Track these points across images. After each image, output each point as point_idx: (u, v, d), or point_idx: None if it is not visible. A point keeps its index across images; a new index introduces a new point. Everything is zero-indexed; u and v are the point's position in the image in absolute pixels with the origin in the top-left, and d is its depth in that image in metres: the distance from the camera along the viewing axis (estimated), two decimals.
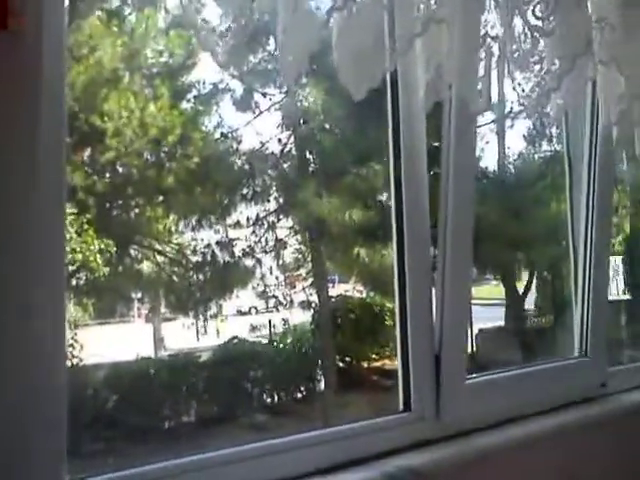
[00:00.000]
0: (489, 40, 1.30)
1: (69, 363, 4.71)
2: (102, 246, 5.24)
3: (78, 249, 5.02)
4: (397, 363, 1.41)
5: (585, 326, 1.75)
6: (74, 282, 5.32)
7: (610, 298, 1.99)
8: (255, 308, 6.62)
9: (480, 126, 1.49)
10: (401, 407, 1.36)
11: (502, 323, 6.25)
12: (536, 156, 6.21)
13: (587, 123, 1.77)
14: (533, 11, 1.32)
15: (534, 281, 6.41)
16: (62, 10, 0.97)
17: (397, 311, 1.41)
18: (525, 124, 5.75)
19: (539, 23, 1.31)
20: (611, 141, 1.71)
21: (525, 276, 6.40)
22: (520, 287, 6.29)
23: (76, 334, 4.99)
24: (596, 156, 1.77)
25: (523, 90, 1.36)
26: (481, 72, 1.33)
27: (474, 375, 1.42)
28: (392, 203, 1.44)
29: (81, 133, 5.17)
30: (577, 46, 1.24)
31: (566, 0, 1.27)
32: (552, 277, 6.18)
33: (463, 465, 1.28)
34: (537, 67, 1.36)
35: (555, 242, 5.59)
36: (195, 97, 5.83)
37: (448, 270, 1.40)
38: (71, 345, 4.86)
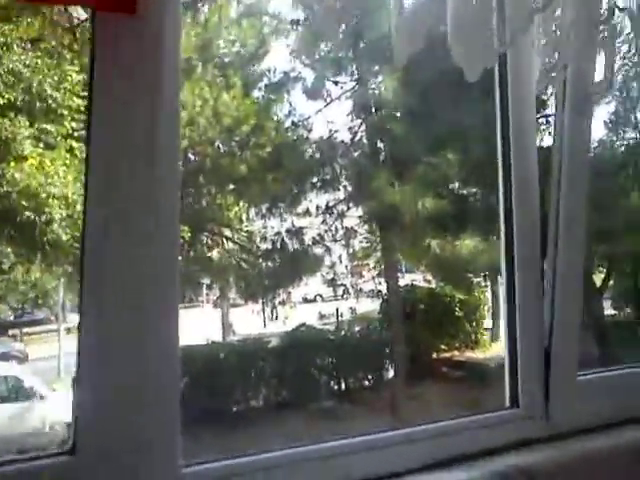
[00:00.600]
0: (612, 14, 1.22)
1: None
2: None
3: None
4: (504, 356, 1.36)
5: None
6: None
7: None
8: (321, 296, 6.65)
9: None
10: (507, 403, 1.31)
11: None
12: (618, 143, 5.96)
13: None
14: None
15: (613, 274, 6.18)
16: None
17: (504, 303, 1.35)
18: (607, 109, 5.50)
19: None
20: None
21: (602, 269, 6.17)
22: (598, 280, 6.07)
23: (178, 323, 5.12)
24: None
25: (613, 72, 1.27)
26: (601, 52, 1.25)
27: (586, 372, 1.35)
28: (500, 190, 1.37)
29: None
30: None
31: None
32: (633, 270, 5.94)
33: (574, 466, 1.22)
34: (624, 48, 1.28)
35: (637, 234, 5.37)
36: (266, 86, 5.87)
37: (560, 261, 1.33)
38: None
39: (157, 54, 0.93)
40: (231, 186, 5.99)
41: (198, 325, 6.12)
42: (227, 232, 6.15)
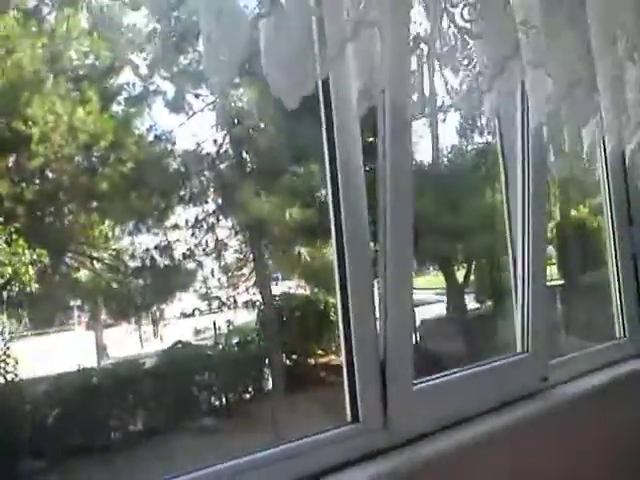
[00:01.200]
0: (419, 42, 1.30)
1: (1, 379, 4.55)
2: (34, 256, 5.06)
3: (8, 261, 4.83)
4: (342, 369, 1.39)
5: (526, 322, 1.78)
6: (5, 295, 5.13)
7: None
8: (199, 310, 6.53)
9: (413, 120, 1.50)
10: (349, 418, 1.34)
11: (443, 313, 6.36)
12: (469, 148, 6.34)
13: (518, 118, 1.80)
14: (461, 14, 1.33)
15: (472, 270, 6.55)
16: None
17: (340, 315, 1.39)
18: (457, 117, 5.86)
19: (467, 25, 1.31)
20: (542, 135, 1.74)
21: (464, 266, 6.53)
22: (459, 277, 6.41)
23: (8, 348, 4.81)
24: (529, 149, 1.81)
25: (456, 91, 1.36)
26: (413, 74, 1.32)
27: (421, 380, 1.41)
28: (330, 201, 1.42)
29: (3, 139, 4.97)
30: (506, 49, 1.25)
31: (492, 3, 1.28)
32: (490, 266, 6.32)
33: (415, 473, 1.28)
34: (466, 65, 1.37)
35: (492, 231, 5.74)
36: (126, 99, 5.69)
37: (390, 272, 1.39)
38: (2, 360, 4.68)
39: None
40: (94, 204, 5.74)
41: (71, 350, 5.82)
42: (93, 252, 5.89)
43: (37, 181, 5.34)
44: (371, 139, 1.52)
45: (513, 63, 1.28)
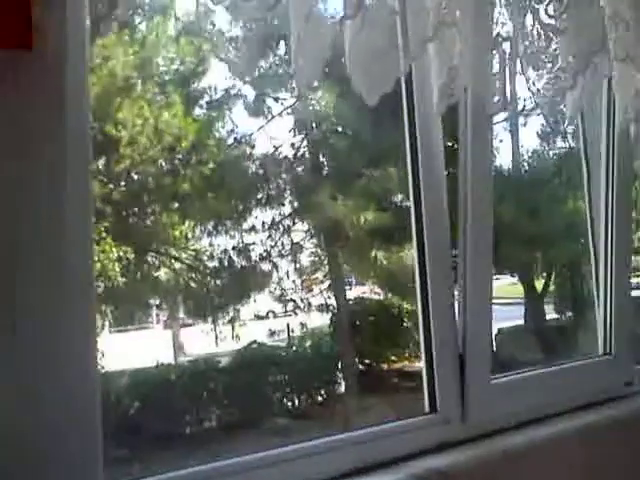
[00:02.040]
0: (501, 40, 1.30)
1: None
2: (120, 254, 5.29)
3: (96, 258, 5.06)
4: (421, 364, 1.41)
5: (608, 324, 1.74)
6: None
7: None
8: (273, 312, 6.64)
9: (493, 124, 1.49)
10: (427, 409, 1.36)
11: (521, 322, 6.21)
12: (551, 153, 6.18)
13: (604, 120, 1.76)
14: (546, 10, 1.32)
15: (552, 279, 6.37)
16: (84, 28, 0.99)
17: (419, 313, 1.42)
18: (539, 121, 5.72)
19: (552, 22, 1.30)
20: (629, 137, 1.69)
21: (543, 275, 6.35)
22: (538, 286, 6.24)
23: (96, 342, 5.03)
24: (614, 153, 1.76)
25: (538, 90, 1.35)
26: (495, 72, 1.33)
27: (498, 375, 1.41)
28: (411, 205, 1.44)
29: (96, 142, 5.22)
30: (592, 43, 1.23)
31: None
32: (571, 275, 6.13)
33: (489, 466, 1.28)
34: (549, 65, 1.36)
35: (573, 239, 5.56)
36: (207, 103, 5.87)
37: (469, 270, 1.40)
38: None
39: (58, 86, 0.95)
40: (175, 205, 5.94)
41: (149, 347, 6.04)
42: (173, 251, 6.08)
43: (123, 182, 5.58)
44: (450, 144, 1.54)
45: (599, 58, 1.27)
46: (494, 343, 5.29)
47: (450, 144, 1.52)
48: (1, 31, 0.84)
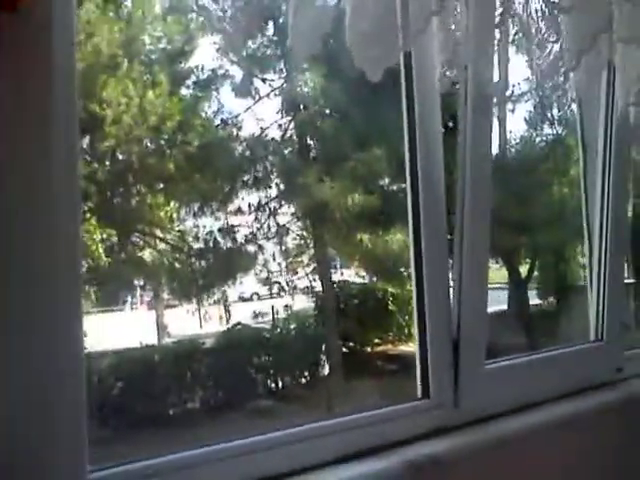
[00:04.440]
0: (507, 17, 1.27)
1: None
2: (104, 235, 5.23)
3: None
4: (415, 348, 1.39)
5: (600, 310, 1.73)
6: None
7: None
8: (257, 294, 6.62)
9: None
10: (419, 394, 1.35)
11: (505, 307, 6.24)
12: (537, 139, 6.18)
13: (602, 106, 1.74)
14: None
15: (537, 265, 6.40)
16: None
17: (414, 296, 1.39)
18: (526, 107, 5.71)
19: (557, 0, 1.28)
20: (628, 125, 1.68)
21: (527, 260, 6.39)
22: (523, 271, 6.28)
23: (82, 323, 5.00)
24: (612, 140, 1.74)
25: (540, 69, 1.33)
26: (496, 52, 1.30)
27: (491, 361, 1.40)
28: (407, 187, 1.41)
29: (80, 121, 5.13)
30: (597, 23, 1.21)
31: None
32: (555, 261, 6.17)
33: (483, 452, 1.27)
34: (554, 46, 1.33)
35: (558, 225, 5.59)
36: (194, 83, 5.79)
37: (466, 254, 1.38)
38: None
39: (45, 53, 0.90)
40: (160, 185, 5.88)
41: (133, 328, 6.00)
42: (158, 232, 6.04)
43: (108, 162, 5.50)
44: (447, 127, 1.50)
45: (603, 39, 1.24)
46: None
47: (446, 127, 1.49)
48: None
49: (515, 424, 1.37)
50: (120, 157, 5.50)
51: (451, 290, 1.37)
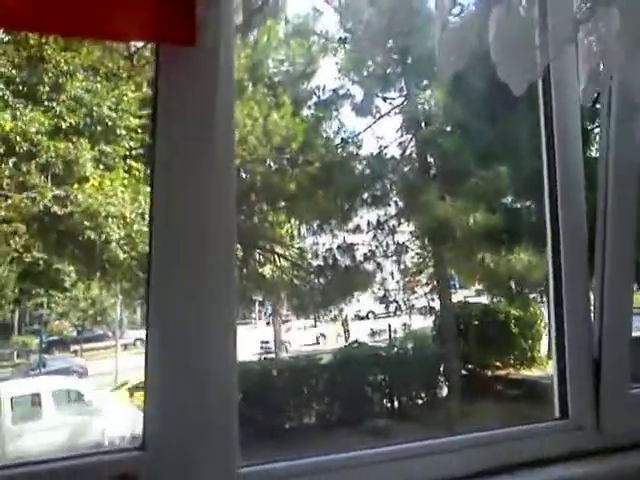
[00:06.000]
0: None
1: None
2: None
3: None
4: (550, 370, 1.33)
5: None
6: None
7: None
8: (373, 312, 6.62)
9: None
10: (557, 414, 1.29)
11: None
12: None
13: None
14: None
15: None
16: (233, 25, 1.02)
17: (552, 315, 1.34)
18: None
19: None
20: None
21: None
22: None
23: (236, 334, 5.21)
24: None
25: None
26: None
27: (636, 385, 1.31)
28: (546, 205, 1.37)
29: None
30: None
31: None
32: None
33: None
34: None
35: None
36: (315, 104, 5.95)
37: (608, 273, 1.32)
38: None
39: (213, 78, 0.98)
40: (282, 203, 6.06)
41: (252, 342, 6.19)
42: (279, 249, 6.21)
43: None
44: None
45: None
46: None
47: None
48: (171, 27, 0.89)
49: None
50: (244, 176, 5.73)
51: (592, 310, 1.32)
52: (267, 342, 6.59)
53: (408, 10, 1.25)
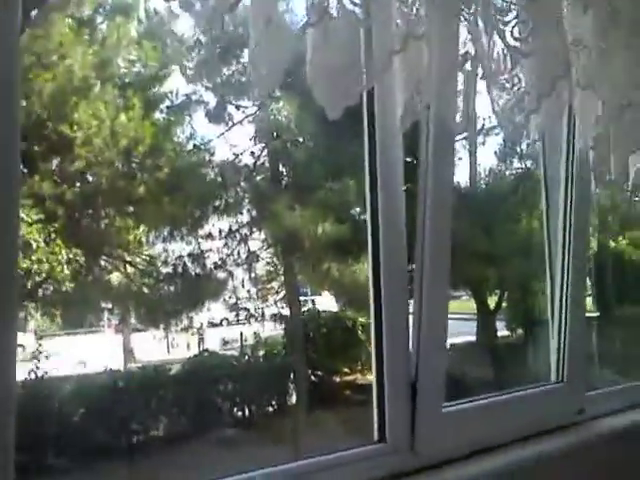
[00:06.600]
0: (468, 58, 1.28)
1: (32, 375, 4.62)
2: (70, 256, 5.13)
3: (45, 259, 4.91)
4: (369, 392, 1.36)
5: (562, 351, 1.72)
6: (40, 293, 5.21)
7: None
8: (227, 320, 6.54)
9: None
10: (376, 437, 1.31)
11: (473, 338, 6.26)
12: (507, 172, 6.28)
13: (564, 144, 1.76)
14: (512, 32, 1.30)
15: (505, 297, 6.45)
16: (15, 15, 0.92)
17: (373, 332, 1.37)
18: (496, 141, 5.82)
19: (518, 44, 1.29)
20: (588, 162, 1.70)
21: (496, 292, 6.43)
22: (491, 303, 6.31)
23: (41, 345, 4.89)
24: (573, 177, 1.76)
25: (502, 110, 1.33)
26: (460, 91, 1.30)
27: (451, 403, 1.37)
28: (368, 218, 1.40)
29: (50, 141, 5.07)
30: (556, 69, 1.22)
31: (545, 22, 1.26)
32: (523, 293, 6.22)
33: None
34: (515, 87, 1.34)
35: (527, 258, 5.65)
36: (168, 108, 5.77)
37: (426, 288, 1.37)
38: (35, 357, 4.76)
39: None
40: (130, 208, 5.82)
41: (99, 351, 5.88)
42: (127, 256, 5.95)
43: (77, 183, 5.43)
44: (409, 159, 1.50)
45: (562, 84, 1.26)
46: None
47: (409, 160, 1.49)
48: None
49: (472, 469, 1.34)
50: (90, 179, 5.44)
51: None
52: (114, 352, 6.29)
53: (265, 18, 1.19)
